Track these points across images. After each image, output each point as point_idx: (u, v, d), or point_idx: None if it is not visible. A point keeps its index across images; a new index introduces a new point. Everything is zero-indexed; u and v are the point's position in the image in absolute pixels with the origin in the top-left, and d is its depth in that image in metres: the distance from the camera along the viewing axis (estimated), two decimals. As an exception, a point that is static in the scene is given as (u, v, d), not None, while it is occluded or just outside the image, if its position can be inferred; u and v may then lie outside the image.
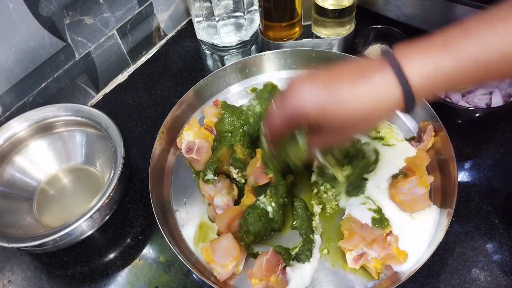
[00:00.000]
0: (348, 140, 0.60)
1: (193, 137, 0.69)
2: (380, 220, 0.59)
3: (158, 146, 0.69)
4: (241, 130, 0.69)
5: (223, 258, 0.57)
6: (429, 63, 0.43)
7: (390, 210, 0.61)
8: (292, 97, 0.46)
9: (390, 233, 0.59)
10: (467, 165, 0.69)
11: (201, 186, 0.66)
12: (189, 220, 0.66)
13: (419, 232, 0.60)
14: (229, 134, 0.69)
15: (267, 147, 0.57)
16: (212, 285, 0.55)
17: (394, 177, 0.64)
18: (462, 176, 0.68)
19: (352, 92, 0.44)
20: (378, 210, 0.61)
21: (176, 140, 0.72)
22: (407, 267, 0.57)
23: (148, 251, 0.66)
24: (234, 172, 0.67)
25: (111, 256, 0.66)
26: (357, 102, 0.44)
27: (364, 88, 0.44)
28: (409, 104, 0.43)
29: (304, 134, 0.53)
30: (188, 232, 0.65)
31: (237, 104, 0.76)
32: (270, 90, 0.74)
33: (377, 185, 0.64)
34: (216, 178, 0.66)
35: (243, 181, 0.68)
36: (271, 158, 0.60)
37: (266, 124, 0.51)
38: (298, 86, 0.46)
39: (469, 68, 0.42)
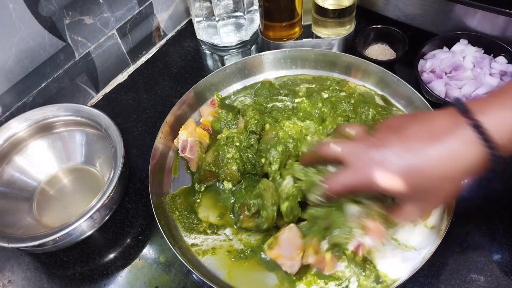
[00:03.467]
0: (435, 207, 0.56)
1: (187, 136, 0.70)
2: None
3: (158, 146, 0.69)
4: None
5: (290, 250, 0.56)
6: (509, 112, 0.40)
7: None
8: (362, 170, 0.44)
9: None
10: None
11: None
12: (189, 220, 0.66)
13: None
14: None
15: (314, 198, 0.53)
16: (212, 285, 0.55)
17: None
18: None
19: (430, 156, 0.41)
20: None
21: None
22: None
23: (148, 251, 0.66)
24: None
25: (111, 256, 0.66)
26: (436, 167, 0.41)
27: (442, 152, 0.41)
28: (495, 162, 0.40)
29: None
30: (188, 232, 0.65)
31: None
32: (268, 87, 0.75)
33: None
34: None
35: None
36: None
37: (329, 183, 0.49)
38: (367, 157, 0.44)
39: None
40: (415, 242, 0.59)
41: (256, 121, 0.67)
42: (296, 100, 0.73)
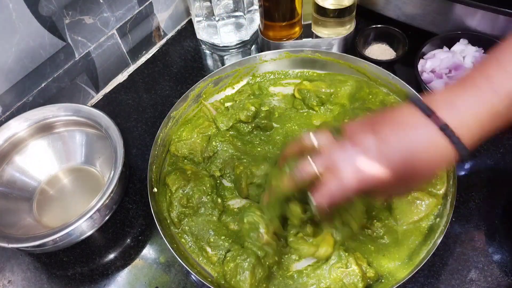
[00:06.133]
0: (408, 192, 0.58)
1: None
2: None
3: (157, 146, 0.69)
4: None
5: None
6: (477, 109, 0.41)
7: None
8: (355, 174, 0.44)
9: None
10: (467, 165, 0.69)
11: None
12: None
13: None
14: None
15: (315, 210, 0.49)
16: (211, 285, 0.55)
17: None
18: (462, 176, 0.68)
19: (405, 154, 0.43)
20: None
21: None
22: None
23: (148, 252, 0.66)
24: None
25: (111, 256, 0.66)
26: (412, 164, 0.43)
27: (415, 149, 0.43)
28: (463, 153, 0.42)
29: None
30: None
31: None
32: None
33: None
34: None
35: None
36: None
37: (317, 197, 0.46)
38: (347, 158, 0.44)
39: None
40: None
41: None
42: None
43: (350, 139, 0.45)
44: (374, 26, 0.84)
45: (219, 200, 0.65)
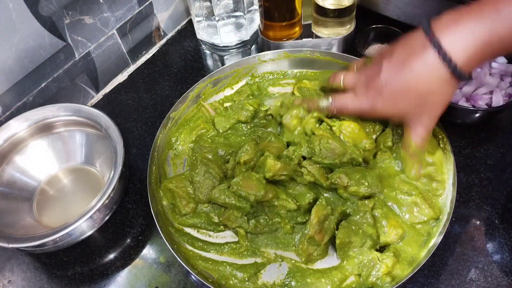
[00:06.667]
0: (432, 119, 0.58)
1: None
2: None
3: (157, 147, 0.69)
4: None
5: None
6: (477, 33, 0.43)
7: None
8: (367, 98, 0.55)
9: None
10: (467, 165, 0.69)
11: None
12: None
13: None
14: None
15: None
16: (210, 286, 0.55)
17: None
18: (462, 176, 0.68)
19: (410, 75, 0.48)
20: None
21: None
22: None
23: (148, 252, 0.66)
24: None
25: (111, 256, 0.66)
26: (417, 83, 0.48)
27: (418, 71, 0.47)
28: (460, 77, 0.45)
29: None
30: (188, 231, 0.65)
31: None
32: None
33: None
34: None
35: None
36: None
37: (335, 100, 0.60)
38: (367, 85, 0.54)
39: None
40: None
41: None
42: None
43: (374, 66, 0.54)
44: (374, 26, 0.84)
45: None
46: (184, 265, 0.56)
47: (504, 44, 0.43)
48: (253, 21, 0.92)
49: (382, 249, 0.58)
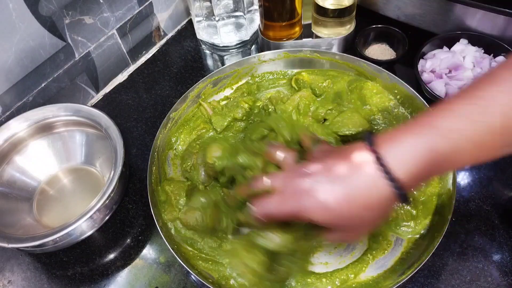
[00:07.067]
0: (362, 236, 0.59)
1: None
2: None
3: (157, 147, 0.69)
4: None
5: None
6: (417, 148, 0.41)
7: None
8: (291, 198, 0.47)
9: None
10: (467, 165, 0.69)
11: None
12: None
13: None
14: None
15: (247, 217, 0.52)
16: (210, 286, 0.55)
17: None
18: (462, 176, 0.68)
19: (348, 187, 0.43)
20: None
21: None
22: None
23: (148, 252, 0.66)
24: None
25: (111, 256, 0.66)
26: (352, 198, 0.43)
27: (356, 184, 0.43)
28: (402, 198, 0.43)
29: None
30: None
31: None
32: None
33: None
34: None
35: None
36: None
37: (257, 206, 0.50)
38: (296, 187, 0.46)
39: (464, 147, 0.41)
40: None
41: None
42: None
43: (308, 167, 0.47)
44: (374, 26, 0.84)
45: None
46: (184, 265, 0.56)
47: (451, 160, 0.42)
48: (253, 21, 0.92)
49: None
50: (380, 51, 0.85)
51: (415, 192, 0.58)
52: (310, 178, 0.46)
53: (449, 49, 0.78)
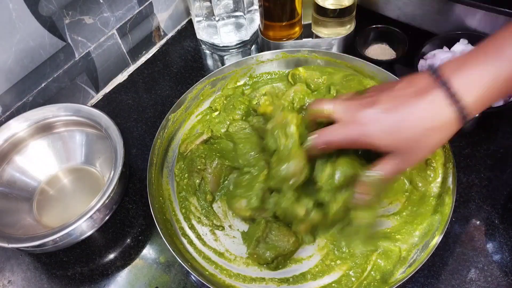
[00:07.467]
0: (417, 164, 0.59)
1: None
2: None
3: (157, 145, 0.69)
4: None
5: None
6: (484, 75, 0.43)
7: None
8: (354, 126, 0.48)
9: None
10: (467, 165, 0.69)
11: None
12: (189, 220, 0.66)
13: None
14: None
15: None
16: (210, 286, 0.55)
17: None
18: (462, 176, 0.68)
19: (412, 113, 0.45)
20: None
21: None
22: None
23: (148, 251, 0.66)
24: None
25: (111, 256, 0.66)
26: (417, 122, 0.45)
27: (421, 109, 0.45)
28: (465, 118, 0.44)
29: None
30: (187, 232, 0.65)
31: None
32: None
33: None
34: None
35: None
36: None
37: (320, 134, 0.51)
38: (359, 114, 0.47)
39: None
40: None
41: None
42: None
43: (370, 96, 0.49)
44: (374, 26, 0.84)
45: None
46: (184, 265, 0.56)
47: (508, 85, 0.43)
48: (253, 21, 0.92)
49: None
50: (380, 51, 0.85)
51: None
52: (375, 105, 0.47)
53: (449, 49, 0.78)
